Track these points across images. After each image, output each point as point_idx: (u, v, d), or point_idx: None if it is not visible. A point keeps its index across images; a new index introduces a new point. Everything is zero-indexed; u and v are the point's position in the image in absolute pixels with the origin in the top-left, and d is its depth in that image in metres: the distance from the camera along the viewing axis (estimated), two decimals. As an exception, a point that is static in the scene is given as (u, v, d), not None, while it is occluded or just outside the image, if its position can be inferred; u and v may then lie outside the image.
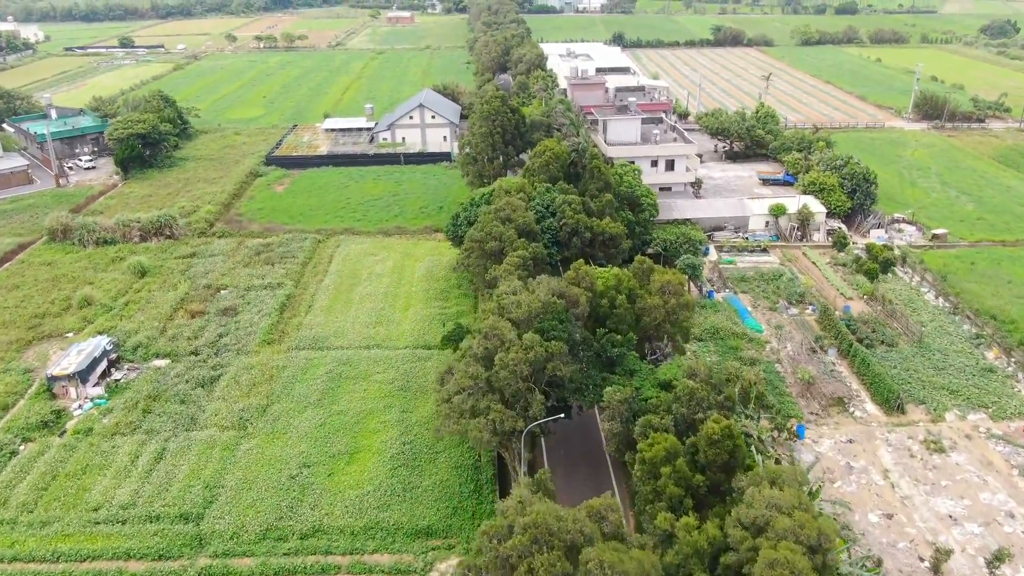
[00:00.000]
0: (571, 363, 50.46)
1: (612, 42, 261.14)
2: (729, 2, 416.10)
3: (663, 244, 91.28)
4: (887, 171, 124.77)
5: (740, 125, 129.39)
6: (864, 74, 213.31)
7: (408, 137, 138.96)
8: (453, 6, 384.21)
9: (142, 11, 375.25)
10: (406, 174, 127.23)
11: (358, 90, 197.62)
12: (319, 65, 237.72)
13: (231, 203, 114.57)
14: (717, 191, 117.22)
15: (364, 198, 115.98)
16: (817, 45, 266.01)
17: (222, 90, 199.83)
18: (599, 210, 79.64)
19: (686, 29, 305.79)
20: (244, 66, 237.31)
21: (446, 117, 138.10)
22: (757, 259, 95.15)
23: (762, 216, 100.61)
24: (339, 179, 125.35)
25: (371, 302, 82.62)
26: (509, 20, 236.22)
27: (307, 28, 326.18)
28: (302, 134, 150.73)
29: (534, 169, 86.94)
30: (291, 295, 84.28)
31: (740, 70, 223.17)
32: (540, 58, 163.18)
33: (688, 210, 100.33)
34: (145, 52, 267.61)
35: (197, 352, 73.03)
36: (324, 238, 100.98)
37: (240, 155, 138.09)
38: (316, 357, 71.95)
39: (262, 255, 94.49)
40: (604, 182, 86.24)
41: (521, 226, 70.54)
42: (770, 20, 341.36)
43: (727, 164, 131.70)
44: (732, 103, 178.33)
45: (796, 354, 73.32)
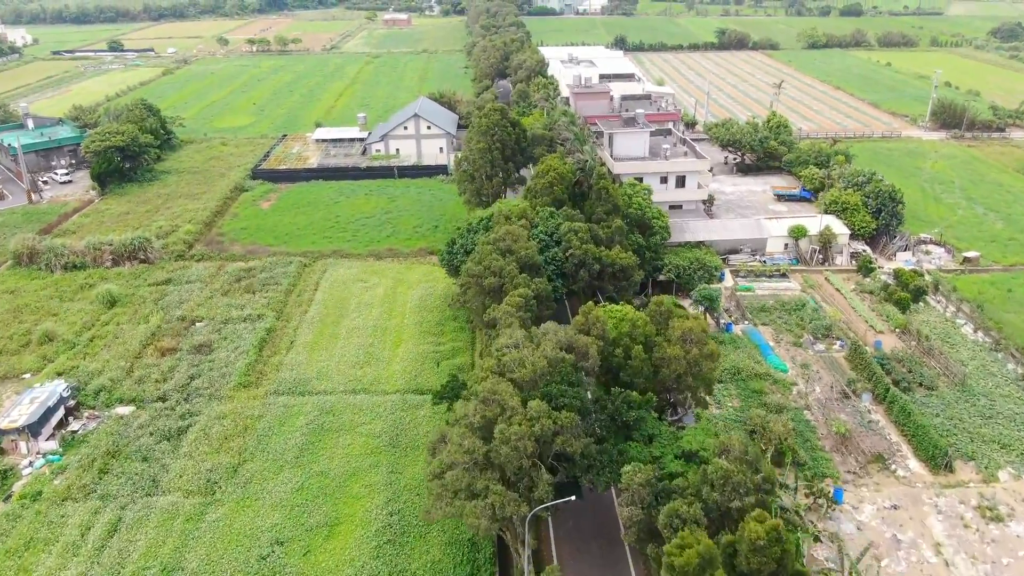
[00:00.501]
0: (583, 435, 43.51)
1: (614, 45, 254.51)
2: (731, 3, 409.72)
3: (675, 270, 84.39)
4: (908, 185, 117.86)
5: (753, 137, 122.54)
6: (875, 79, 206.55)
7: (402, 149, 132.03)
8: (451, 8, 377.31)
9: (134, 13, 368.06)
10: (400, 189, 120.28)
11: (352, 96, 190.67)
12: (312, 70, 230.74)
13: (213, 221, 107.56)
14: (730, 208, 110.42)
15: (355, 216, 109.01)
16: (824, 48, 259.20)
17: (211, 96, 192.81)
18: (607, 237, 72.77)
19: (689, 32, 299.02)
20: (235, 71, 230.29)
21: (442, 128, 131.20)
22: (776, 285, 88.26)
23: (781, 238, 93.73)
24: (329, 194, 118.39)
25: (359, 337, 75.68)
26: (508, 23, 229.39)
27: (302, 31, 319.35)
28: (292, 144, 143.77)
29: (536, 190, 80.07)
30: (272, 329, 77.30)
31: (747, 75, 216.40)
32: (541, 64, 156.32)
33: (701, 232, 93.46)
34: (134, 56, 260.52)
35: (165, 398, 66.08)
36: (310, 262, 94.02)
37: (226, 168, 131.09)
38: (296, 404, 65.00)
39: (243, 282, 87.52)
40: (612, 204, 79.37)
41: (523, 259, 63.65)
42: (774, 22, 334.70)
43: (739, 177, 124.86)
44: (740, 111, 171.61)
45: (826, 399, 66.44)
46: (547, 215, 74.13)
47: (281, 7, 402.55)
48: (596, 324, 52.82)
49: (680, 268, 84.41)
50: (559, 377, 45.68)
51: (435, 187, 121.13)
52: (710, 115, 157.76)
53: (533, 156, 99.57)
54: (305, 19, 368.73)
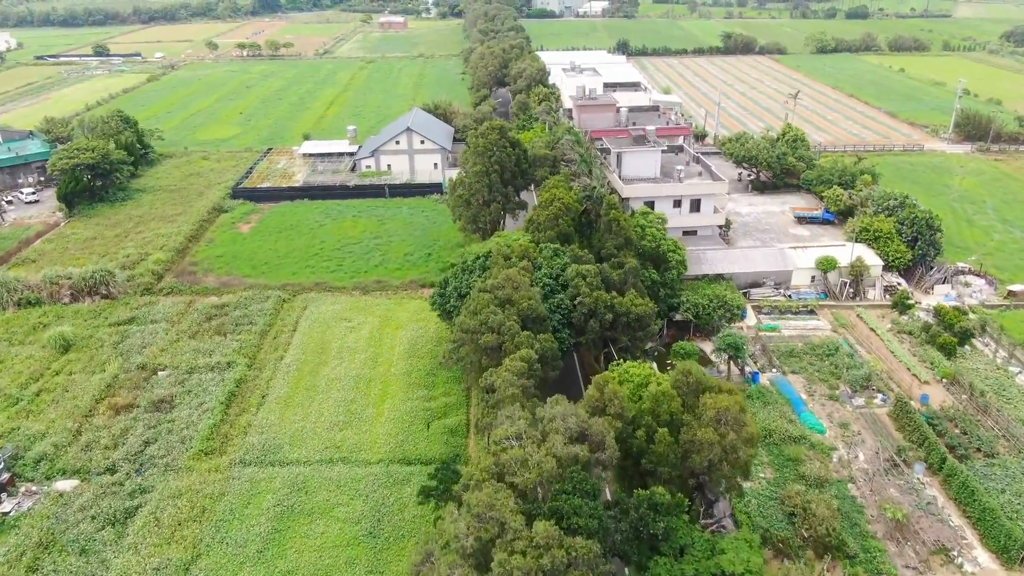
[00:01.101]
0: (602, 563, 34.97)
1: (616, 50, 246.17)
2: (734, 5, 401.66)
3: (694, 309, 75.95)
4: (936, 205, 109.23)
5: (770, 153, 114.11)
6: (889, 86, 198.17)
7: (394, 165, 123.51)
8: (448, 10, 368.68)
9: (123, 16, 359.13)
10: (391, 210, 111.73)
11: (343, 105, 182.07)
12: (304, 76, 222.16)
13: (187, 248, 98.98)
14: (747, 232, 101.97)
15: (341, 241, 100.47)
16: (833, 53, 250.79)
17: (196, 104, 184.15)
18: (620, 280, 64.29)
19: (693, 36, 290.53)
20: (224, 77, 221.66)
21: (437, 142, 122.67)
22: (804, 324, 79.79)
23: (807, 270, 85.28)
24: (314, 216, 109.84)
25: (340, 390, 67.16)
26: (507, 28, 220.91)
27: (295, 34, 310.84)
28: (277, 159, 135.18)
29: (539, 223, 71.58)
30: (242, 380, 68.74)
31: (755, 81, 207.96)
32: (541, 72, 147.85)
33: (720, 263, 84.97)
34: (120, 61, 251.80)
35: (114, 468, 57.56)
36: (290, 296, 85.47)
37: (205, 185, 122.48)
38: (264, 478, 56.46)
39: (214, 321, 78.96)
40: (624, 238, 70.92)
41: (525, 311, 55.18)
42: (779, 25, 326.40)
43: (754, 196, 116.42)
44: (751, 120, 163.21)
45: (873, 469, 58.01)
46: (551, 254, 65.65)
47: (275, 9, 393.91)
48: (613, 401, 44.40)
49: (699, 307, 75.95)
50: (571, 485, 37.27)
51: (428, 207, 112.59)
52: (721, 127, 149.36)
53: (534, 178, 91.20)
54: (299, 22, 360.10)
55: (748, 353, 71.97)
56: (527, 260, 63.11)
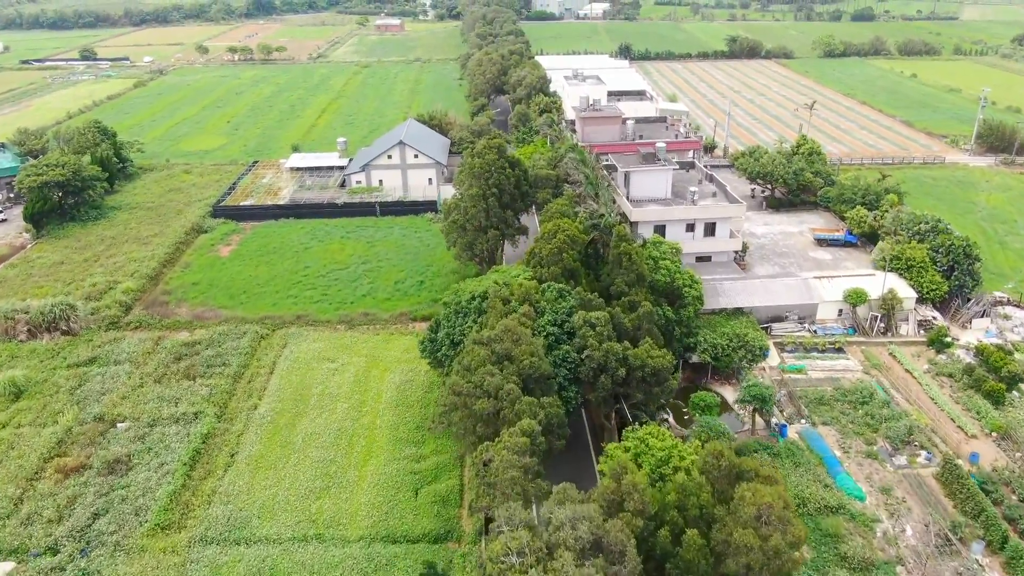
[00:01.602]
0: None
1: (618, 54, 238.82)
2: (737, 7, 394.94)
3: (712, 351, 68.75)
4: (964, 225, 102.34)
5: (786, 169, 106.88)
6: (902, 92, 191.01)
7: (386, 180, 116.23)
8: (446, 13, 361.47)
9: (114, 18, 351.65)
10: (382, 230, 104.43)
11: (336, 113, 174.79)
12: (296, 81, 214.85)
13: (160, 274, 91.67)
14: (764, 255, 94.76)
15: (327, 266, 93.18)
16: (841, 57, 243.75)
17: (182, 112, 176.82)
18: (633, 326, 57.07)
19: (696, 39, 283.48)
20: (213, 82, 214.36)
21: (431, 156, 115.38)
22: (832, 364, 72.58)
23: (834, 303, 78.05)
24: (299, 237, 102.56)
25: (318, 448, 59.90)
26: (506, 32, 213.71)
27: (289, 37, 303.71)
28: (263, 173, 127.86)
29: (542, 257, 64.35)
30: (210, 435, 61.48)
31: (762, 87, 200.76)
32: (542, 81, 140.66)
33: (739, 296, 77.69)
34: (108, 65, 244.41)
35: (56, 548, 50.29)
36: (269, 331, 78.15)
37: (185, 202, 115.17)
38: (227, 561, 49.16)
39: (183, 362, 71.70)
40: (636, 274, 63.73)
41: (526, 370, 47.95)
42: (783, 28, 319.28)
43: (769, 215, 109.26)
44: (761, 130, 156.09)
45: (924, 547, 50.80)
46: (555, 295, 58.41)
47: (269, 11, 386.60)
48: (632, 495, 37.19)
49: (718, 348, 68.75)
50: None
51: (422, 228, 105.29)
52: (731, 137, 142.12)
53: (536, 201, 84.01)
54: (294, 24, 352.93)
55: (775, 403, 64.77)
56: (528, 304, 55.88)
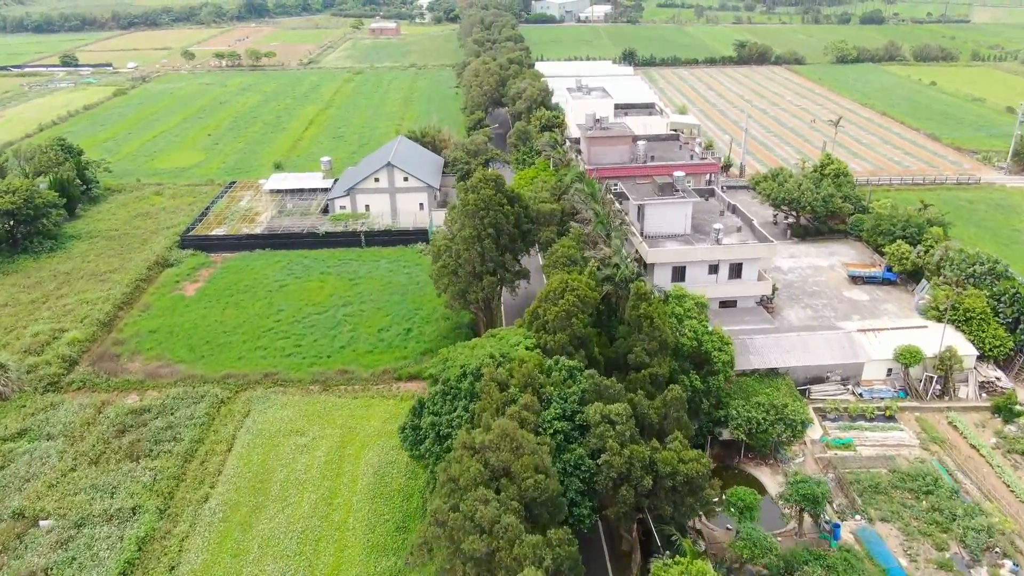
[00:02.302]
0: None
1: (622, 60, 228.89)
2: (742, 10, 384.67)
3: (746, 426, 58.49)
4: (1009, 256, 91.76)
5: (814, 195, 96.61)
6: (922, 102, 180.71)
7: (373, 205, 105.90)
8: (443, 16, 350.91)
9: (101, 21, 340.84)
10: (366, 264, 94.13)
11: (323, 125, 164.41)
12: (284, 89, 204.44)
13: (114, 319, 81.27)
14: (793, 295, 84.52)
15: (303, 309, 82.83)
16: (854, 63, 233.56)
17: (162, 124, 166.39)
18: (660, 415, 46.80)
19: (702, 44, 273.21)
20: (197, 91, 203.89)
21: (422, 180, 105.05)
22: (885, 437, 62.36)
23: (883, 362, 67.77)
24: (275, 272, 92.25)
25: (277, 557, 49.57)
26: (504, 37, 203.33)
27: (281, 41, 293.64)
28: (240, 195, 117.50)
29: (547, 321, 54.06)
30: (148, 538, 51.16)
31: (775, 96, 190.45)
32: (543, 93, 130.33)
33: (771, 353, 67.36)
34: (89, 72, 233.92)
35: None
36: (231, 394, 67.81)
37: (152, 230, 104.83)
38: None
39: (127, 436, 61.40)
40: (659, 340, 53.47)
41: (528, 496, 37.65)
42: (792, 32, 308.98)
43: (795, 245, 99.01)
44: (777, 144, 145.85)
45: None
46: (565, 376, 48.11)
47: (261, 14, 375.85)
48: None
49: (752, 422, 58.49)
50: None
51: (411, 260, 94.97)
52: (747, 154, 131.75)
53: (538, 241, 73.76)
54: (287, 27, 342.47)
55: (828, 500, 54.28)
56: (531, 391, 45.58)
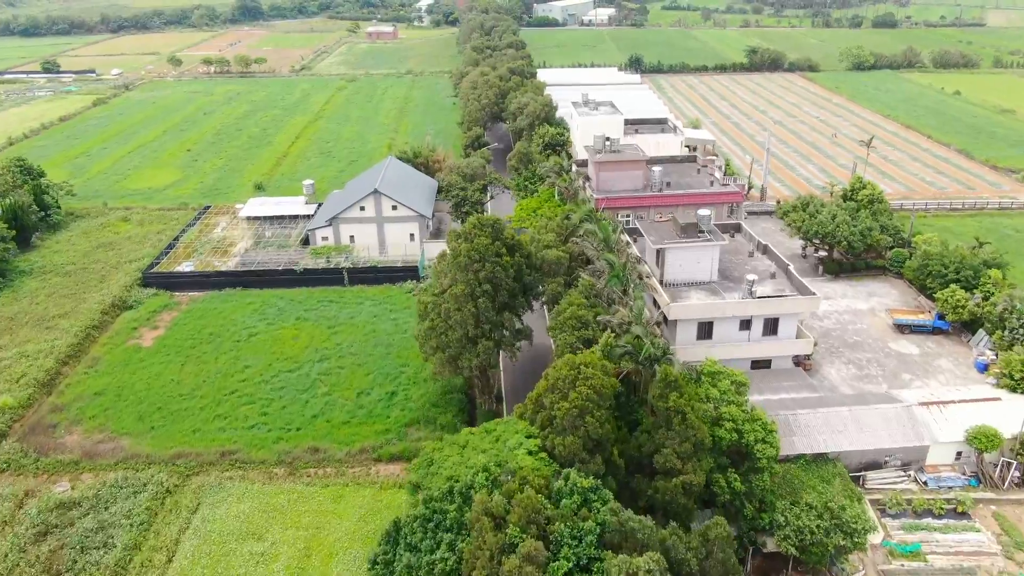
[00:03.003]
0: None
1: (629, 67, 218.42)
2: (750, 13, 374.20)
3: (795, 536, 48.03)
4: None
5: (851, 228, 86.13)
6: (949, 113, 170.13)
7: (358, 236, 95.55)
8: (442, 19, 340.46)
9: (90, 25, 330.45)
10: (348, 307, 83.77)
11: (311, 139, 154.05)
12: (273, 98, 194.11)
13: (56, 378, 70.87)
14: (832, 348, 74.13)
15: (273, 365, 72.45)
16: (871, 70, 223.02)
17: (139, 137, 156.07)
18: (698, 557, 36.34)
19: (711, 49, 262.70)
20: (181, 100, 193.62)
21: (413, 208, 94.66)
22: (959, 540, 51.91)
23: (952, 445, 57.31)
24: (245, 316, 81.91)
25: None
26: (505, 44, 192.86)
27: (274, 45, 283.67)
28: (215, 221, 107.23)
29: (556, 419, 43.65)
30: None
31: (790, 106, 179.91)
32: (547, 109, 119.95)
33: (820, 434, 56.78)
34: (71, 79, 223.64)
35: None
36: (180, 480, 57.37)
37: (114, 263, 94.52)
38: None
39: (47, 542, 51.01)
40: (694, 441, 43.10)
41: None
42: (803, 36, 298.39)
43: (827, 283, 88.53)
44: (799, 162, 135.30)
45: None
46: (578, 503, 37.67)
47: (255, 17, 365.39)
48: None
49: (804, 531, 48.03)
50: None
51: (399, 303, 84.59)
52: (769, 176, 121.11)
53: (541, 295, 63.37)
54: (281, 30, 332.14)
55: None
56: (535, 530, 35.11)
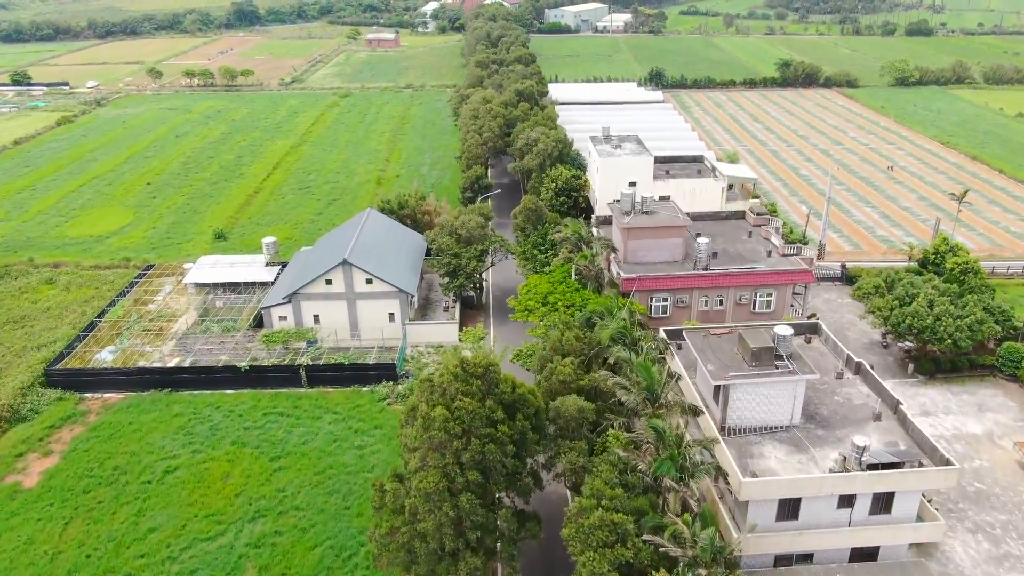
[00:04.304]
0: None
1: (649, 82, 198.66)
2: (773, 18, 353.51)
3: None
4: None
5: (954, 322, 66.16)
6: (1016, 140, 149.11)
7: (325, 316, 76.21)
8: (448, 24, 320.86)
9: (76, 30, 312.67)
10: (302, 423, 64.44)
11: (290, 170, 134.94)
12: (256, 117, 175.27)
13: None
14: (947, 507, 54.22)
15: (187, 530, 53.02)
16: (916, 86, 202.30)
17: (97, 166, 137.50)
18: None
19: (736, 59, 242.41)
20: (155, 118, 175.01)
21: (392, 283, 75.22)
22: None
23: None
24: (165, 440, 62.55)
25: None
26: (513, 58, 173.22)
27: (268, 53, 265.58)
28: (157, 285, 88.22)
29: None
30: None
31: (833, 129, 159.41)
32: (560, 145, 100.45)
33: None
34: (42, 92, 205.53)
35: None
36: None
37: (19, 348, 75.57)
38: None
39: None
40: None
41: None
42: (833, 45, 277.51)
43: (921, 387, 68.79)
44: (856, 205, 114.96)
45: None
46: None
47: (252, 22, 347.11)
48: None
49: None
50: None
51: (368, 417, 65.16)
52: (829, 229, 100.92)
53: (555, 465, 43.84)
54: (278, 37, 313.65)
55: None
56: None
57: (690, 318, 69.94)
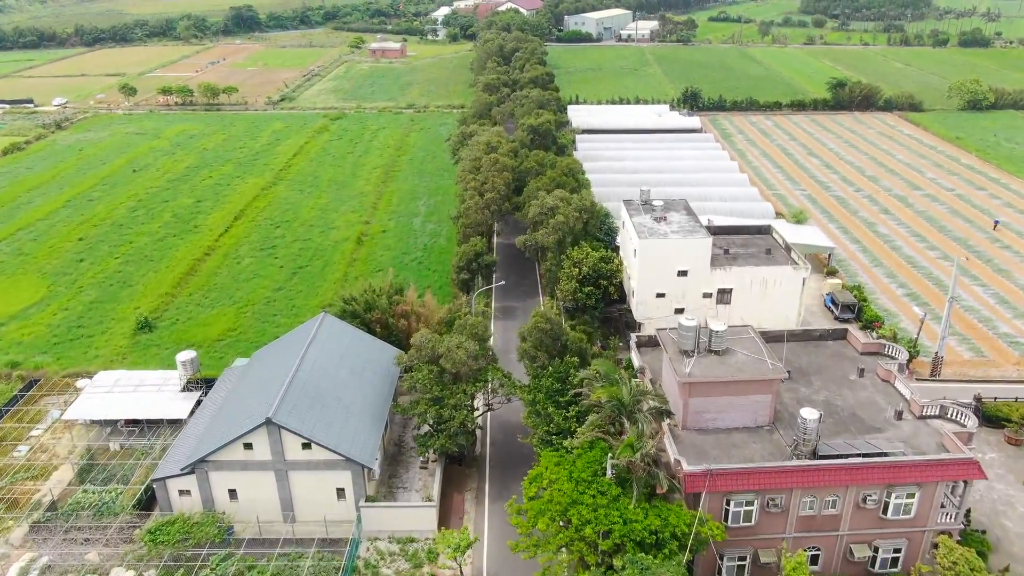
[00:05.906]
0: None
1: (683, 104, 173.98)
2: (811, 25, 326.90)
3: None
4: None
5: None
6: None
7: (243, 491, 52.39)
8: (460, 32, 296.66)
9: (62, 37, 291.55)
10: None
11: (256, 220, 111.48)
12: (232, 144, 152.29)
13: None
14: None
15: None
16: (991, 111, 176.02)
17: (26, 213, 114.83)
18: None
19: (777, 74, 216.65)
20: (117, 145, 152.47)
21: (338, 452, 51.19)
22: None
23: None
24: None
25: None
26: (528, 79, 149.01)
27: (262, 64, 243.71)
28: (36, 415, 64.82)
29: None
30: None
31: (908, 169, 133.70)
32: (586, 216, 76.07)
33: None
34: (2, 111, 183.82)
35: None
36: None
37: None
38: None
39: None
40: None
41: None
42: (880, 57, 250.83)
43: None
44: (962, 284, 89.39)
45: None
46: None
47: (252, 28, 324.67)
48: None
49: None
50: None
51: None
52: (949, 335, 75.45)
53: None
54: (277, 44, 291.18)
55: None
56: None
57: (785, 529, 45.57)
